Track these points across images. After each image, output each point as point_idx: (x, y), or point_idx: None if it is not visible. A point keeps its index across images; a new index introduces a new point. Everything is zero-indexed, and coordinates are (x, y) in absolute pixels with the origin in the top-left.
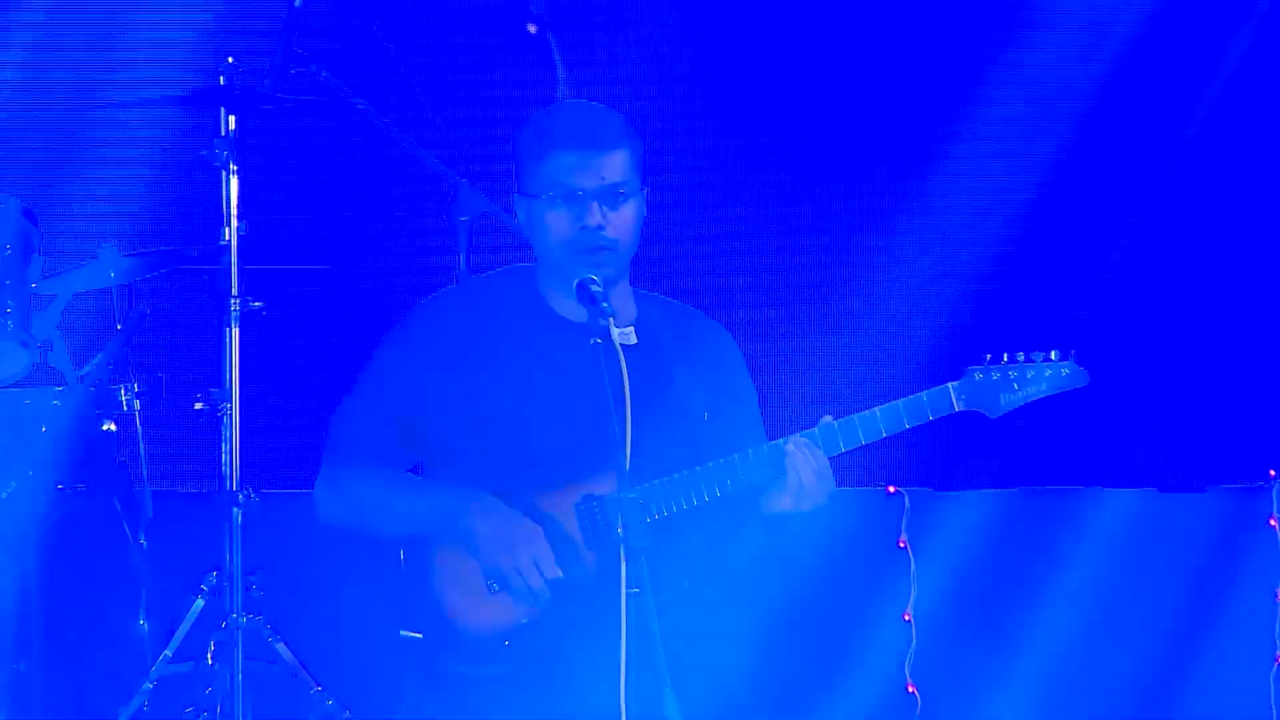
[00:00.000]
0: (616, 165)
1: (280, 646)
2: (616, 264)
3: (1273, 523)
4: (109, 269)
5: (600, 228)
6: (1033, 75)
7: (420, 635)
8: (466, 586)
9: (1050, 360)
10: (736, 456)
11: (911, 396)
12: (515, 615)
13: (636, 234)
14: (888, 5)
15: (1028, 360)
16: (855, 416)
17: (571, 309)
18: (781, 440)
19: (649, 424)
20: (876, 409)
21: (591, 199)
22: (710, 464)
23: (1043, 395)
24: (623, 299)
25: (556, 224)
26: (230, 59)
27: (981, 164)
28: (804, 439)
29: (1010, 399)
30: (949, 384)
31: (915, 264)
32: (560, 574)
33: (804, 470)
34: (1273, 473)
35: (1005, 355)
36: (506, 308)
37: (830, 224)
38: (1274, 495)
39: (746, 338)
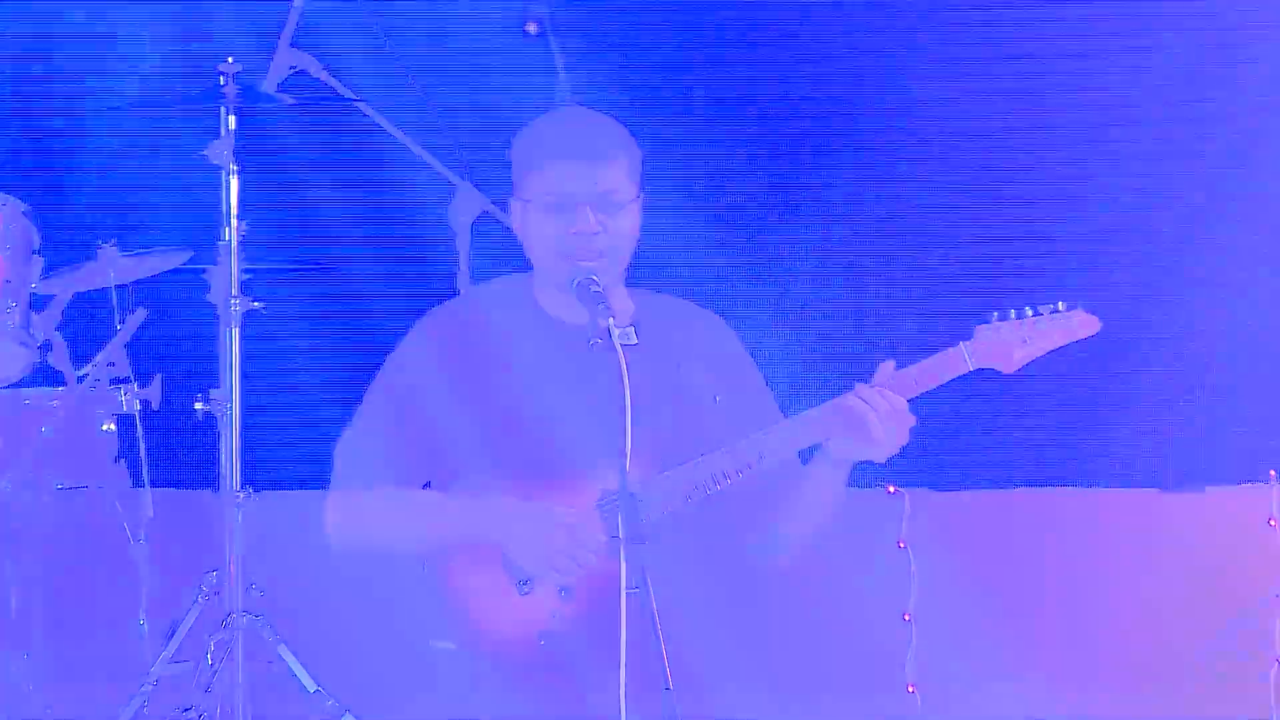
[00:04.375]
0: (611, 174)
1: (280, 647)
2: (609, 271)
3: (1273, 523)
4: (109, 269)
5: (593, 234)
6: (1029, 70)
7: (453, 645)
8: (490, 592)
9: (1059, 311)
10: (787, 422)
11: (925, 360)
12: (546, 614)
13: (630, 242)
14: (880, 6)
15: (1036, 314)
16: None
17: (568, 312)
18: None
19: (655, 419)
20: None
21: (584, 204)
22: (750, 436)
23: (1056, 346)
24: (619, 299)
25: (549, 229)
26: (230, 59)
27: (981, 163)
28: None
29: (1024, 352)
30: (961, 343)
31: (912, 266)
32: (605, 538)
33: (870, 417)
34: (1273, 473)
35: (1013, 312)
36: (504, 317)
37: (834, 218)
38: (1274, 495)
39: (746, 330)
